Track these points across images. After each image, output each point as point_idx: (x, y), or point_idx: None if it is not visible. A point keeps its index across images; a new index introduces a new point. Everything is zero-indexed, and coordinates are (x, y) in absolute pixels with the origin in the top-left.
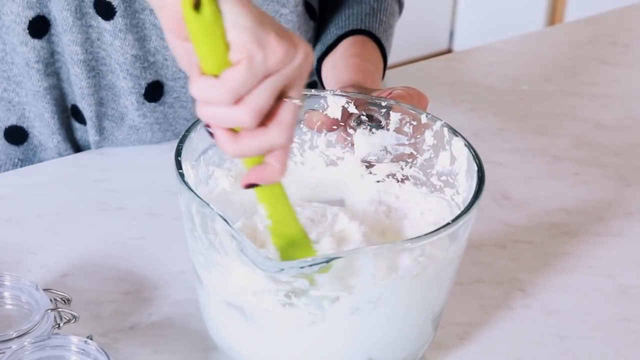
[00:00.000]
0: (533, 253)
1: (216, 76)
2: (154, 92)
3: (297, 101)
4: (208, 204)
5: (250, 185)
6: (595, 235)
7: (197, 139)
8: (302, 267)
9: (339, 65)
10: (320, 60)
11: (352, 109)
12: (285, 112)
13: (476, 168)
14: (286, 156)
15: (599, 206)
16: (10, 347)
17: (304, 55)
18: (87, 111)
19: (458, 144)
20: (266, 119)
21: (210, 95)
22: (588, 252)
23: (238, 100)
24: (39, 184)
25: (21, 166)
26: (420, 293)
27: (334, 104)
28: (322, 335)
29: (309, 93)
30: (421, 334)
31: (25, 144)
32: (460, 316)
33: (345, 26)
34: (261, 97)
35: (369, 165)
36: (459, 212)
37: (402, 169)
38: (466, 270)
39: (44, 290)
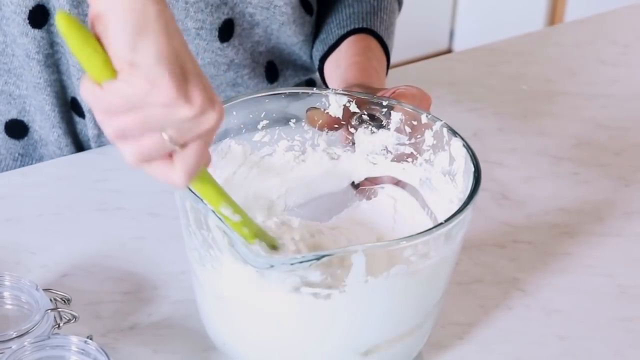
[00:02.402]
0: (533, 253)
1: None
2: None
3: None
4: (201, 199)
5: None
6: (595, 235)
7: None
8: (292, 264)
9: (344, 64)
10: (323, 60)
11: (353, 108)
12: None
13: (473, 169)
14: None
15: (599, 206)
16: (10, 347)
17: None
18: (86, 103)
19: (457, 144)
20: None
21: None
22: (588, 252)
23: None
24: (39, 183)
25: (21, 161)
26: (413, 292)
27: (336, 103)
28: (314, 332)
29: (310, 91)
30: (415, 333)
31: (26, 138)
32: (459, 316)
33: (347, 25)
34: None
35: (355, 186)
36: None
37: (404, 169)
38: (466, 270)
39: (44, 290)
